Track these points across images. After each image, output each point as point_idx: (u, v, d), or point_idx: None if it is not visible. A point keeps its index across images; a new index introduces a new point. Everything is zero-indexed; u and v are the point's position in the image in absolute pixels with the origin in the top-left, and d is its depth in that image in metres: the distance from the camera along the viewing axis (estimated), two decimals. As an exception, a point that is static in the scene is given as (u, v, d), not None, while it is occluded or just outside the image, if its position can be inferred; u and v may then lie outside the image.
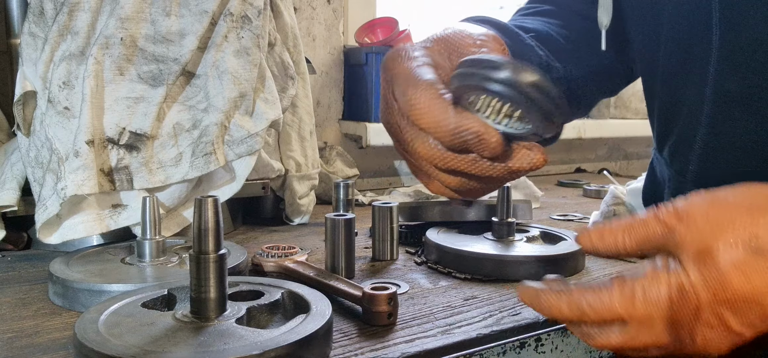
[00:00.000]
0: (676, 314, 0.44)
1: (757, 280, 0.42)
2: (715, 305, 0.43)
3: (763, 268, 0.42)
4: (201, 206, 0.54)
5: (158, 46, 0.91)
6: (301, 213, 1.16)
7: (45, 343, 0.60)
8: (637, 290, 0.44)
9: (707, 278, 0.42)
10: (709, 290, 0.42)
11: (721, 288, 0.42)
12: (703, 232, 0.43)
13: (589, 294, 0.46)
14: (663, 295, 0.44)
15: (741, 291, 0.42)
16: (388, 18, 1.63)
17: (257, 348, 0.49)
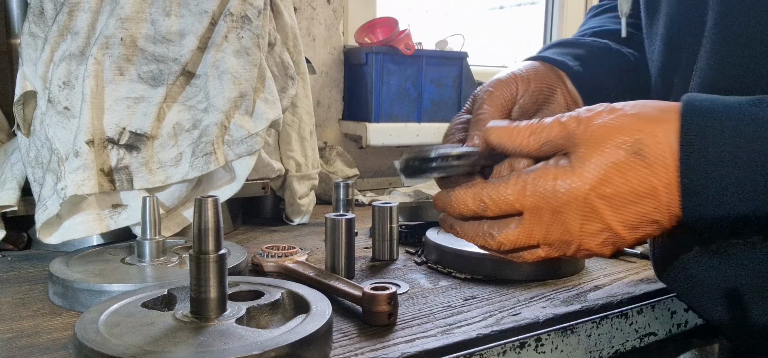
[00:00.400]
0: (562, 205, 0.48)
1: (635, 180, 0.46)
2: (596, 199, 0.47)
3: (642, 169, 0.46)
4: (201, 206, 0.54)
5: (158, 46, 0.91)
6: (301, 213, 1.16)
7: (45, 343, 0.60)
8: (528, 181, 0.49)
9: (590, 172, 0.47)
10: (589, 183, 0.47)
11: (600, 183, 0.47)
12: (594, 134, 0.48)
13: (489, 187, 0.51)
14: (549, 186, 0.48)
15: (619, 188, 0.47)
16: (388, 18, 1.63)
17: (257, 348, 0.49)
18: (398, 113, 1.60)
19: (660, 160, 0.47)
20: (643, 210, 0.48)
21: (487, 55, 2.23)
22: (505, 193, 0.50)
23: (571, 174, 0.48)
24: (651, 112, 0.48)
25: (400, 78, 1.58)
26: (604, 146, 0.47)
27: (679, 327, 0.81)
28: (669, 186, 0.47)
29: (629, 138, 0.47)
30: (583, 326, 0.70)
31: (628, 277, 0.84)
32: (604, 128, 0.48)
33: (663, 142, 0.47)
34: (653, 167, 0.47)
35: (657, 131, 0.47)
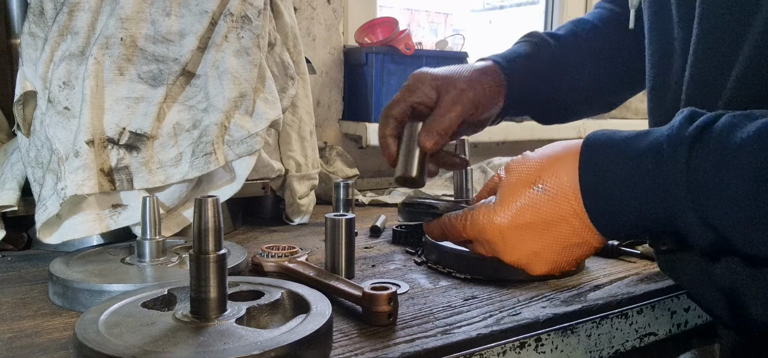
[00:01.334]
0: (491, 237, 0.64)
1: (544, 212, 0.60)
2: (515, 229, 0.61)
3: (547, 203, 0.59)
4: (201, 206, 0.54)
5: (158, 46, 0.91)
6: (301, 213, 1.16)
7: (45, 343, 0.60)
8: (468, 217, 0.65)
9: (507, 209, 0.61)
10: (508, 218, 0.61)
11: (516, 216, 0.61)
12: (510, 179, 0.62)
13: (448, 223, 0.68)
14: (480, 221, 0.64)
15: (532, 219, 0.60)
16: (388, 18, 1.63)
17: (257, 348, 0.49)
18: (398, 113, 1.60)
19: (560, 193, 0.58)
20: (561, 234, 0.60)
21: (487, 54, 2.23)
22: (457, 226, 0.67)
23: (493, 212, 0.62)
24: (554, 153, 0.60)
25: (400, 78, 1.58)
26: (516, 187, 0.61)
27: (679, 327, 0.81)
28: (577, 213, 0.58)
29: (534, 177, 0.60)
30: (583, 326, 0.70)
31: (628, 277, 0.84)
32: (516, 174, 0.62)
33: (563, 178, 0.58)
34: (556, 199, 0.59)
35: (558, 169, 0.59)
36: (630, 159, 0.55)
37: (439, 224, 0.70)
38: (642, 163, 0.54)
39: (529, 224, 0.60)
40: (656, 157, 0.53)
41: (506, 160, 1.46)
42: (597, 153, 0.57)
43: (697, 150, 0.51)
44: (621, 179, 0.55)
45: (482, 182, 1.42)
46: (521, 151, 0.69)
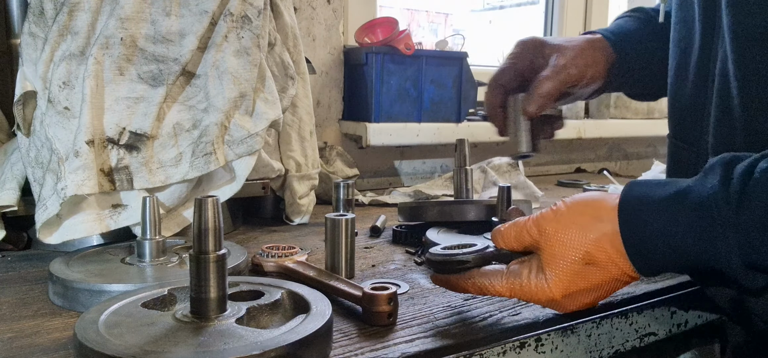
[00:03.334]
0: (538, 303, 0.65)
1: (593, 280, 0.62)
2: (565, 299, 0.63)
3: (597, 272, 0.62)
4: (201, 206, 0.54)
5: (158, 46, 0.91)
6: (301, 213, 1.16)
7: (45, 343, 0.60)
8: (515, 287, 0.65)
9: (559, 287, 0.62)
10: (560, 293, 0.63)
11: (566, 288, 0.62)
12: (553, 248, 0.62)
13: (486, 284, 0.66)
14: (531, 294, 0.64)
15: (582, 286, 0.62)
16: (388, 18, 1.63)
17: (257, 348, 0.49)
18: (398, 113, 1.60)
19: (610, 262, 0.61)
20: (610, 288, 0.63)
21: (487, 55, 2.23)
22: (500, 291, 0.65)
23: (544, 287, 0.63)
24: (589, 221, 0.61)
25: (400, 78, 1.58)
26: (563, 263, 0.62)
27: (679, 327, 0.81)
28: (625, 272, 0.61)
29: (580, 254, 0.61)
30: (583, 326, 0.70)
31: (628, 277, 0.84)
32: (558, 242, 0.62)
33: (608, 249, 0.60)
34: (606, 268, 0.61)
35: (603, 242, 0.60)
36: (673, 225, 0.56)
37: (473, 282, 0.67)
38: (688, 228, 0.56)
39: (581, 290, 0.63)
40: (703, 222, 0.55)
41: (506, 161, 1.46)
42: (637, 218, 0.59)
43: (744, 208, 0.53)
44: (667, 245, 0.57)
45: (482, 182, 1.42)
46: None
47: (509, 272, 0.66)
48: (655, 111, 2.18)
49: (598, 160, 2.30)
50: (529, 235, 0.64)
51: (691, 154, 0.75)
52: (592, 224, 0.61)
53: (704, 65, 0.71)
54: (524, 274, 0.64)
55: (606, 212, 0.61)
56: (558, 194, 1.67)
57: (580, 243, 0.61)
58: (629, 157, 2.40)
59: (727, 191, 0.54)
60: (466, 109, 1.71)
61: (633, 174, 2.00)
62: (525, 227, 0.65)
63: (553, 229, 0.63)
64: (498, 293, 0.65)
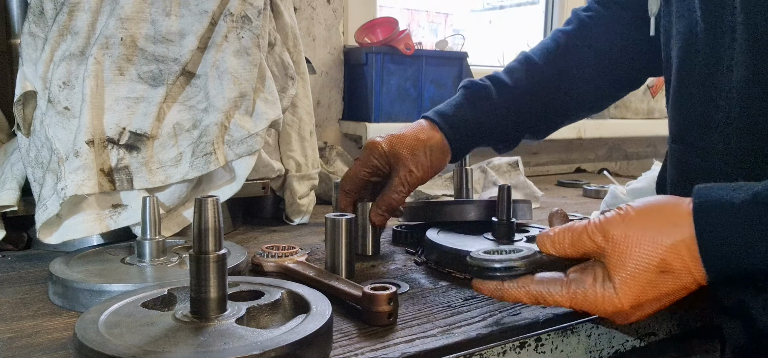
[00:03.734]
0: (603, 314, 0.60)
1: (665, 288, 0.58)
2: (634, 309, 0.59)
3: (671, 281, 0.58)
4: (201, 206, 0.54)
5: (158, 46, 0.91)
6: (301, 213, 1.16)
7: (45, 343, 0.60)
8: (578, 295, 0.60)
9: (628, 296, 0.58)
10: (629, 303, 0.58)
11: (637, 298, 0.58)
12: (622, 255, 0.58)
13: (544, 292, 0.61)
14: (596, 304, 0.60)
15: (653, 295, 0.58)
16: (388, 18, 1.63)
17: (257, 348, 0.49)
18: (398, 113, 1.60)
19: (684, 269, 0.57)
20: (673, 299, 0.59)
21: (487, 55, 2.23)
22: (560, 300, 0.61)
23: (612, 295, 0.59)
24: (664, 227, 0.57)
25: (400, 78, 1.58)
26: (636, 272, 0.58)
27: (679, 327, 0.81)
28: (697, 280, 0.57)
29: (655, 261, 0.57)
30: (583, 326, 0.70)
31: (628, 277, 0.83)
32: (627, 249, 0.58)
33: (685, 256, 0.57)
34: (680, 276, 0.57)
35: (680, 249, 0.57)
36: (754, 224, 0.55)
37: (528, 291, 0.62)
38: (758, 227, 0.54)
39: (651, 299, 0.59)
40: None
41: (506, 161, 1.46)
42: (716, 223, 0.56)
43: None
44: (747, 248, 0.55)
45: (482, 182, 1.42)
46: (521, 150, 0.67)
47: (570, 279, 0.61)
48: (655, 111, 2.19)
49: (598, 161, 2.30)
50: (592, 240, 0.60)
51: (698, 161, 0.74)
52: (667, 229, 0.57)
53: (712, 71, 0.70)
54: (588, 282, 0.60)
55: (681, 216, 0.57)
56: (558, 193, 1.67)
57: (655, 249, 0.57)
58: (629, 158, 2.40)
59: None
60: (466, 109, 1.71)
61: (633, 174, 2.00)
62: (585, 231, 0.61)
63: (622, 234, 0.58)
64: (557, 303, 0.61)
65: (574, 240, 0.61)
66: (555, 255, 0.63)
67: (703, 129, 0.73)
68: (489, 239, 0.91)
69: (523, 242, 0.90)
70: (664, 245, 0.57)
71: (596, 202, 1.49)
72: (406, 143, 0.89)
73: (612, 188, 1.15)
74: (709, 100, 0.72)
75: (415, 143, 0.89)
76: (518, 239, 0.91)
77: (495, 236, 0.91)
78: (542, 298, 0.61)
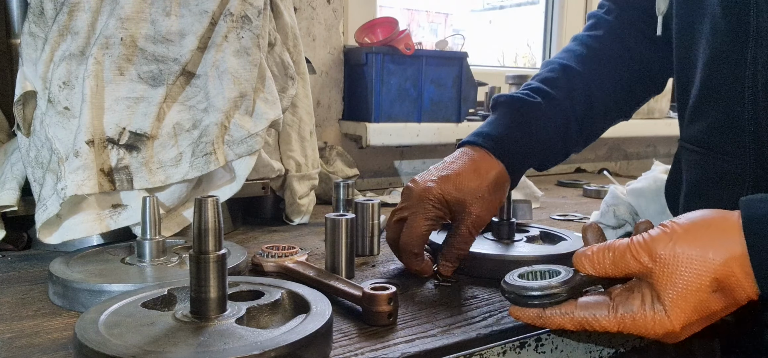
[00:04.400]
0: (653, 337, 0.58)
1: (717, 307, 0.56)
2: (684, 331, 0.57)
3: (723, 300, 0.56)
4: (201, 206, 0.54)
5: (158, 46, 0.91)
6: (301, 213, 1.16)
7: (45, 343, 0.60)
8: (626, 320, 0.58)
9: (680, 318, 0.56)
10: (681, 325, 0.56)
11: (689, 319, 0.56)
12: (672, 275, 0.56)
13: (589, 318, 0.59)
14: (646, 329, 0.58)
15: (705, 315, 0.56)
16: (388, 18, 1.63)
17: (257, 348, 0.49)
18: (398, 113, 1.60)
19: (738, 287, 0.55)
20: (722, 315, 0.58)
21: (487, 54, 2.23)
22: (608, 325, 0.59)
23: (667, 322, 0.57)
24: (713, 242, 0.55)
25: (400, 78, 1.58)
26: (687, 293, 0.56)
27: (679, 327, 0.81)
28: (747, 297, 0.56)
29: (707, 280, 0.55)
30: (583, 326, 0.70)
31: (628, 277, 0.84)
32: (676, 268, 0.56)
33: (738, 273, 0.54)
34: (733, 293, 0.55)
35: (732, 266, 0.55)
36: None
37: (574, 318, 0.60)
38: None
39: (702, 318, 0.57)
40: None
41: None
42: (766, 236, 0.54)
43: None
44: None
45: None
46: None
47: (616, 303, 0.59)
48: (655, 111, 2.18)
49: (598, 161, 2.30)
50: (637, 260, 0.58)
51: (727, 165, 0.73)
52: (718, 246, 0.55)
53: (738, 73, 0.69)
54: (636, 305, 0.58)
55: (731, 232, 0.55)
56: (558, 193, 1.67)
57: (706, 268, 0.55)
58: (629, 157, 2.40)
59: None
60: (466, 109, 1.71)
61: (633, 174, 2.00)
62: (629, 251, 0.58)
63: (670, 253, 0.56)
64: (604, 329, 0.59)
65: (617, 260, 0.59)
66: (595, 276, 0.60)
67: (733, 132, 0.71)
68: (489, 239, 0.91)
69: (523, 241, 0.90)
70: (716, 263, 0.55)
71: (596, 202, 1.49)
72: (468, 186, 0.78)
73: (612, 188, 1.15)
74: (737, 102, 0.70)
75: (477, 184, 0.78)
76: (518, 239, 0.91)
77: (495, 236, 0.91)
78: (588, 323, 0.59)
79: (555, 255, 0.83)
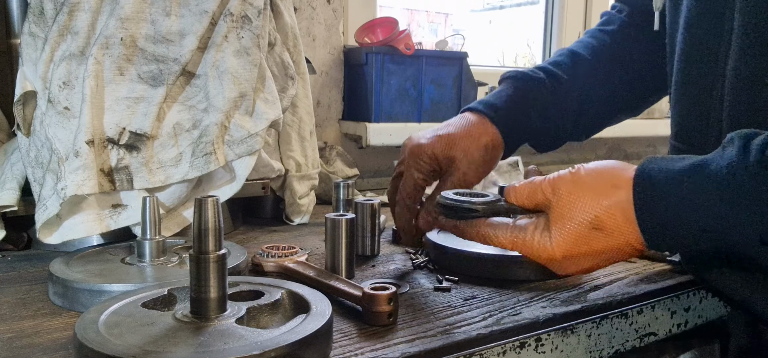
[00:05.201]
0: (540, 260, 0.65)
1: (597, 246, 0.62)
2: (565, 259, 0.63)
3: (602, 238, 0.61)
4: (201, 206, 0.54)
5: (158, 46, 0.91)
6: (301, 213, 1.16)
7: (45, 343, 0.60)
8: (517, 240, 0.66)
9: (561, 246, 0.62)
10: (561, 253, 0.63)
11: (569, 250, 0.62)
12: (562, 208, 0.63)
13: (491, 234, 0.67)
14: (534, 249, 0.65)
15: (585, 250, 0.62)
16: (388, 18, 1.63)
17: (257, 348, 0.49)
18: (398, 113, 1.60)
19: (617, 230, 0.61)
20: (612, 256, 0.63)
21: (487, 54, 2.23)
22: (503, 242, 0.67)
23: (548, 243, 0.64)
24: (607, 188, 0.61)
25: (400, 78, 1.58)
26: (571, 224, 0.62)
27: (679, 327, 0.81)
28: (631, 243, 0.61)
29: (589, 217, 0.61)
30: (583, 326, 0.70)
31: (628, 277, 0.84)
32: (569, 204, 0.62)
33: (619, 218, 0.60)
34: (612, 235, 0.61)
35: (614, 210, 0.60)
36: (691, 195, 0.56)
37: (479, 230, 0.68)
38: (705, 200, 0.55)
39: (582, 254, 0.63)
40: (721, 194, 0.55)
41: (506, 161, 1.46)
42: (653, 189, 0.59)
43: (762, 179, 0.53)
44: (682, 216, 0.57)
45: (482, 182, 1.41)
46: (521, 150, 0.67)
47: (515, 226, 0.66)
48: (655, 111, 2.18)
49: (598, 160, 2.30)
50: (543, 193, 0.65)
51: None
52: (607, 191, 0.61)
53: (711, 69, 0.71)
54: (529, 229, 0.65)
55: (623, 180, 0.61)
56: (558, 193, 1.67)
57: (591, 207, 0.61)
58: (629, 157, 2.40)
59: (746, 161, 0.54)
60: (466, 109, 1.71)
61: (633, 174, 2.00)
62: (540, 185, 0.65)
63: (568, 190, 0.63)
64: (501, 245, 0.66)
65: (531, 193, 0.66)
66: (515, 205, 0.68)
67: (702, 126, 0.73)
68: None
69: None
70: (601, 205, 0.61)
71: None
72: (460, 145, 0.83)
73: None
74: (707, 96, 0.72)
75: (468, 144, 0.83)
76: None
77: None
78: (489, 238, 0.67)
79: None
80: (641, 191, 0.59)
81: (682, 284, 0.82)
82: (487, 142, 0.84)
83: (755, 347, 0.78)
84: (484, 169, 0.85)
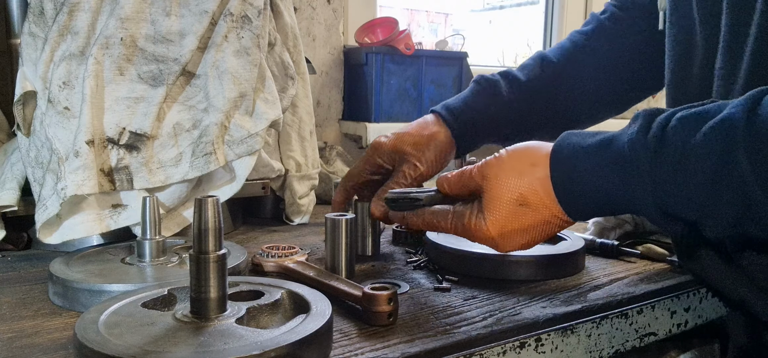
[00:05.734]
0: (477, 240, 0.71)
1: (526, 221, 0.67)
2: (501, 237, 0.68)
3: (530, 213, 0.67)
4: (201, 206, 0.54)
5: (158, 46, 0.91)
6: (301, 213, 1.16)
7: (45, 343, 0.60)
8: (458, 225, 0.71)
9: (495, 225, 0.68)
10: (496, 232, 0.68)
11: (502, 227, 0.68)
12: (492, 188, 0.68)
13: (433, 221, 0.74)
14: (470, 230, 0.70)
15: (516, 226, 0.68)
16: (388, 18, 1.63)
17: (257, 348, 0.49)
18: (398, 113, 1.60)
19: (541, 205, 0.66)
20: (543, 230, 0.68)
21: (487, 54, 2.23)
22: (445, 226, 0.73)
23: (482, 224, 0.69)
24: (527, 166, 0.66)
25: (400, 78, 1.58)
26: (499, 203, 0.67)
27: (679, 327, 0.81)
28: (555, 215, 0.66)
29: (514, 195, 0.66)
30: (583, 326, 0.70)
31: (628, 277, 0.84)
32: (496, 186, 0.68)
33: (540, 192, 0.66)
34: (538, 210, 0.66)
35: (535, 185, 0.66)
36: (597, 168, 0.62)
37: (423, 219, 0.75)
38: (609, 174, 0.61)
39: (515, 230, 0.68)
40: (622, 168, 0.60)
41: None
42: (565, 164, 0.64)
43: (657, 159, 0.57)
44: (591, 189, 0.63)
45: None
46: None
47: (454, 212, 0.72)
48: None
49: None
50: (473, 180, 0.70)
51: None
52: (528, 169, 0.66)
53: (708, 68, 0.71)
54: (467, 214, 0.70)
55: (541, 158, 0.66)
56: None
57: (515, 185, 0.66)
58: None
59: (645, 138, 0.57)
60: (466, 109, 1.71)
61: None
62: (470, 173, 0.71)
63: (494, 174, 0.68)
64: (444, 230, 0.73)
65: (462, 181, 0.72)
66: (450, 194, 0.74)
67: None
68: None
69: None
70: (523, 183, 0.66)
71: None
72: (410, 139, 0.90)
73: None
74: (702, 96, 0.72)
75: (418, 139, 0.90)
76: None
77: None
78: (433, 225, 0.74)
79: (555, 255, 0.83)
80: (555, 167, 0.65)
81: (682, 284, 0.82)
82: (437, 140, 0.91)
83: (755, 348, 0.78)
84: (436, 165, 0.91)
